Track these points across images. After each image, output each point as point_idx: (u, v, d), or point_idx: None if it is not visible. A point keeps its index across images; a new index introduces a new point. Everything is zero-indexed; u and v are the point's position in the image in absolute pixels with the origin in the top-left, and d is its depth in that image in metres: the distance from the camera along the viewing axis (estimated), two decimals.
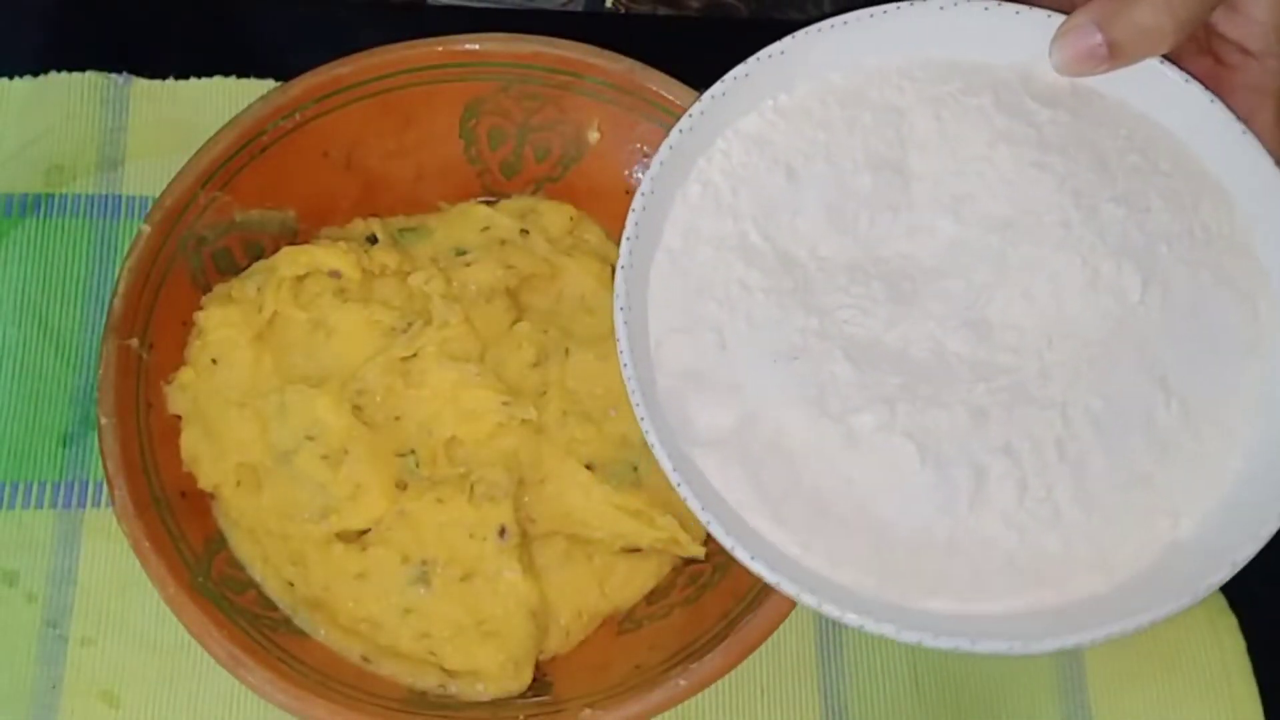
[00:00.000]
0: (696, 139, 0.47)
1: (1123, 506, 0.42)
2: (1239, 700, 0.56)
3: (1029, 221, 0.45)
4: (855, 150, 0.47)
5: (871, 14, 0.47)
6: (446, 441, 0.54)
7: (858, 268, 0.45)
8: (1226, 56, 0.46)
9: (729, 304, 0.45)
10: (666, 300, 0.46)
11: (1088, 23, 0.45)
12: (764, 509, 0.43)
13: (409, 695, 0.51)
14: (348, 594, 0.53)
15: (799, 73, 0.48)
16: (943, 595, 0.42)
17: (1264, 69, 0.45)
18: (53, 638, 0.56)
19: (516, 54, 0.58)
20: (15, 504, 0.58)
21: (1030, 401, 0.43)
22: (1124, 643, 0.57)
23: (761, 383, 0.44)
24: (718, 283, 0.46)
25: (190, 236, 0.55)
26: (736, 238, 0.46)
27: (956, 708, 0.57)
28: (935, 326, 0.44)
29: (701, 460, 0.43)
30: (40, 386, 0.60)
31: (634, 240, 0.46)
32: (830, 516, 0.43)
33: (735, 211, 0.47)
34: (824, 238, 0.46)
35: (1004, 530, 0.42)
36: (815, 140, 0.47)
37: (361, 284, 0.56)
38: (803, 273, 0.45)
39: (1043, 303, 0.44)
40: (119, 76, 0.65)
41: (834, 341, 0.44)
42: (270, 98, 0.56)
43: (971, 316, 0.44)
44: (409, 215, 0.60)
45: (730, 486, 0.43)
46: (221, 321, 0.55)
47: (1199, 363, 0.43)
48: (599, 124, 0.59)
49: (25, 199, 0.63)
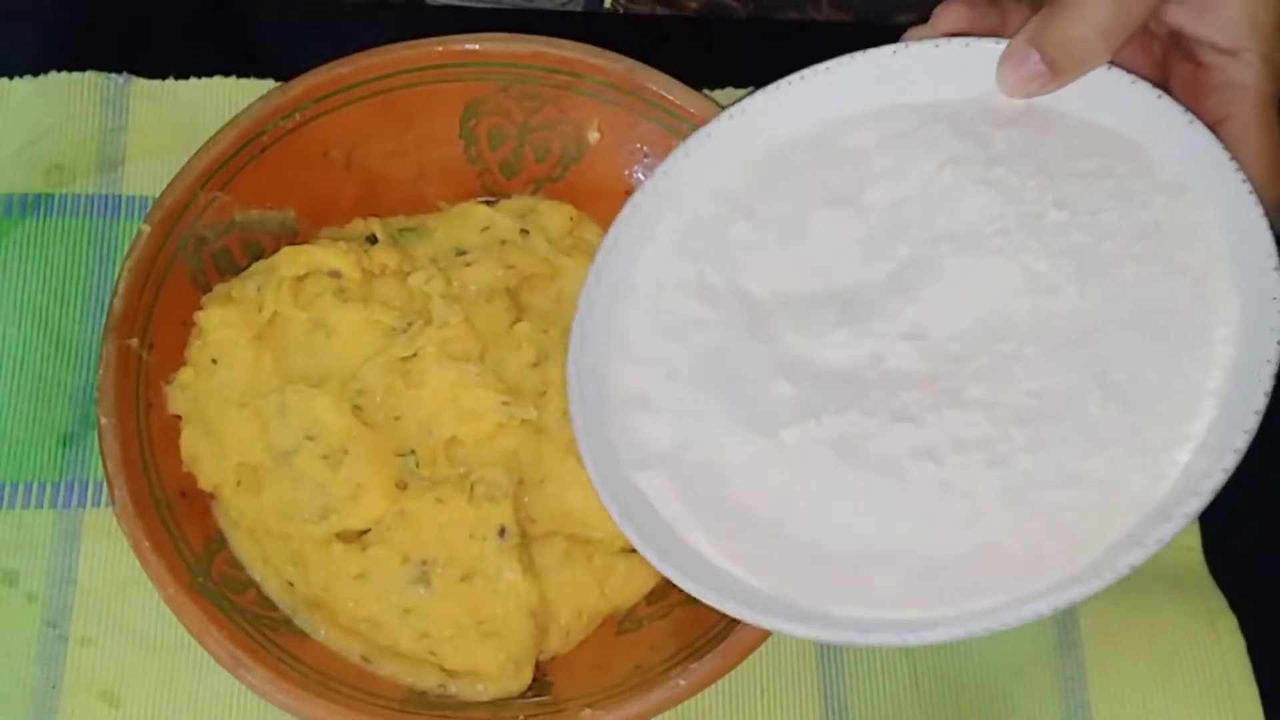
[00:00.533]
0: (660, 198, 0.51)
1: (1053, 505, 0.42)
2: (1239, 700, 0.56)
3: (972, 234, 0.45)
4: (815, 190, 0.49)
5: (827, 67, 0.49)
6: (446, 441, 0.54)
7: (813, 297, 0.47)
8: (1203, 57, 0.46)
9: (682, 338, 0.48)
10: (626, 339, 0.49)
11: (1023, 45, 0.46)
12: (696, 523, 0.45)
13: (409, 695, 0.51)
14: (348, 594, 0.53)
15: (762, 128, 0.50)
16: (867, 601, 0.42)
17: (1240, 64, 0.45)
18: (53, 638, 0.56)
19: (516, 54, 0.58)
20: (15, 504, 0.58)
21: (960, 405, 0.43)
22: (1124, 643, 0.57)
23: (701, 406, 0.47)
24: (674, 320, 0.49)
25: (190, 236, 0.55)
26: (695, 278, 0.49)
27: (956, 708, 0.57)
28: (876, 343, 0.45)
29: (642, 481, 0.46)
30: (40, 386, 0.60)
31: (593, 288, 0.50)
32: (757, 527, 0.44)
33: (696, 255, 0.49)
34: (781, 273, 0.48)
35: (926, 532, 0.42)
36: (777, 185, 0.49)
37: (361, 284, 0.56)
38: (759, 306, 0.48)
39: (980, 309, 0.44)
40: (119, 76, 0.65)
41: (777, 365, 0.46)
42: (270, 98, 0.56)
43: (912, 330, 0.45)
44: (409, 215, 0.60)
45: (666, 503, 0.46)
46: (221, 321, 0.55)
47: (1143, 356, 0.43)
48: (599, 124, 0.59)
49: (25, 199, 0.63)
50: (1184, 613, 0.58)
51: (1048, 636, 0.58)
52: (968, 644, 0.57)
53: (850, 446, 0.44)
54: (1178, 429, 0.41)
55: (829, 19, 0.69)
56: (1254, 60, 0.45)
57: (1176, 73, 0.47)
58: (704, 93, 0.57)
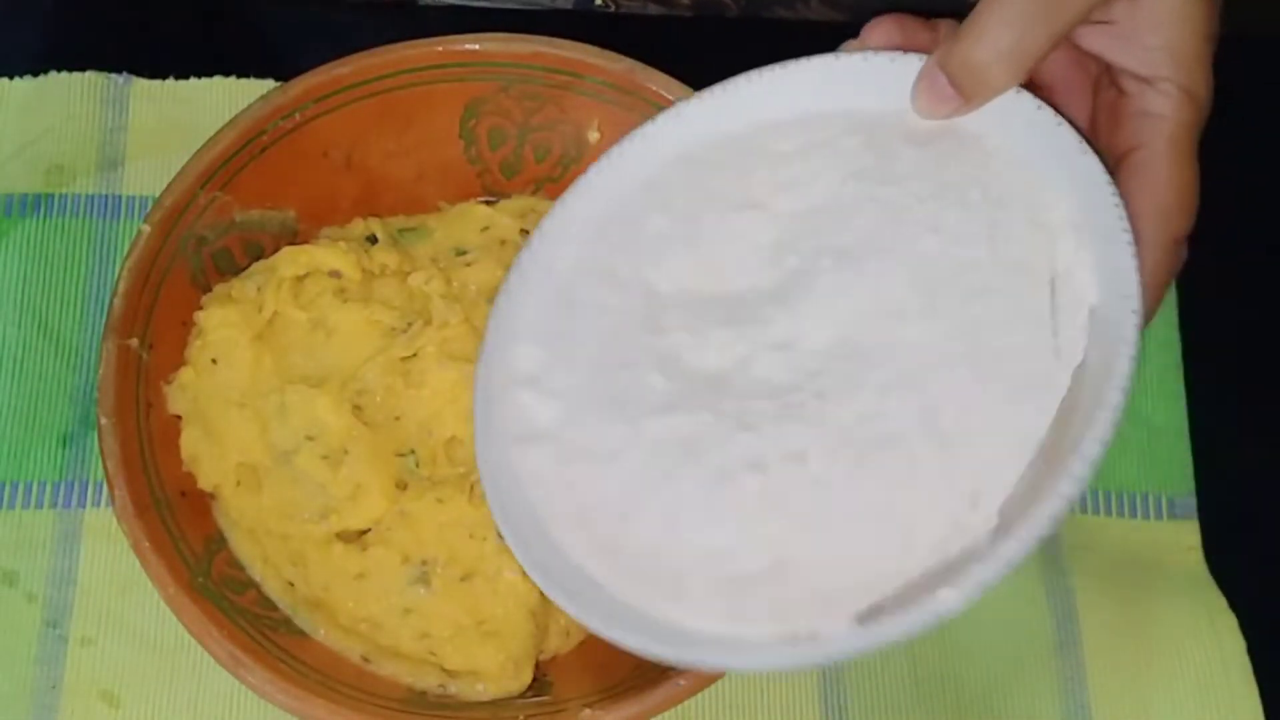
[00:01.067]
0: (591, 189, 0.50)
1: (852, 536, 0.41)
2: (1238, 699, 0.57)
3: (851, 252, 0.45)
4: (731, 191, 0.48)
5: (768, 71, 0.49)
6: (446, 441, 0.55)
7: (708, 297, 0.47)
8: (1124, 84, 0.45)
9: (584, 322, 0.48)
10: (532, 318, 0.49)
11: (932, 66, 0.45)
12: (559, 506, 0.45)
13: (409, 695, 0.51)
14: (348, 594, 0.53)
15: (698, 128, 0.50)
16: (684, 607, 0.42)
17: (1157, 93, 0.44)
18: (53, 638, 0.56)
19: (516, 54, 0.58)
20: (15, 504, 0.58)
21: (801, 420, 0.43)
22: (1124, 642, 0.57)
23: (586, 389, 0.46)
24: (578, 304, 0.48)
25: (190, 236, 0.55)
26: (607, 266, 0.49)
27: (956, 707, 0.57)
28: (747, 348, 0.45)
29: (518, 456, 0.46)
30: (40, 386, 0.60)
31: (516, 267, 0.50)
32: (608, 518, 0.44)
33: (612, 244, 0.49)
34: (683, 269, 0.48)
35: (740, 544, 0.42)
36: (699, 183, 0.49)
37: (361, 284, 0.56)
38: (657, 299, 0.47)
39: (840, 327, 0.44)
40: (119, 76, 0.65)
41: (657, 358, 0.46)
42: (270, 98, 0.56)
43: (782, 341, 0.45)
44: (409, 215, 0.60)
45: (536, 483, 0.45)
46: (221, 321, 0.55)
47: (976, 399, 0.41)
48: (599, 124, 0.59)
49: (25, 199, 0.63)
50: (1184, 612, 0.58)
51: (1048, 636, 0.58)
52: (968, 644, 0.57)
53: (696, 448, 0.43)
54: (993, 479, 0.40)
55: (821, 18, 0.69)
56: (1171, 90, 0.44)
57: (1103, 99, 0.46)
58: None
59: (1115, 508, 0.60)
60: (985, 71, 0.44)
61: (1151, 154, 0.44)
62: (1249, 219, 0.65)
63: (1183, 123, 0.44)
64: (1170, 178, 0.44)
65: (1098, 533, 0.60)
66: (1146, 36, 0.44)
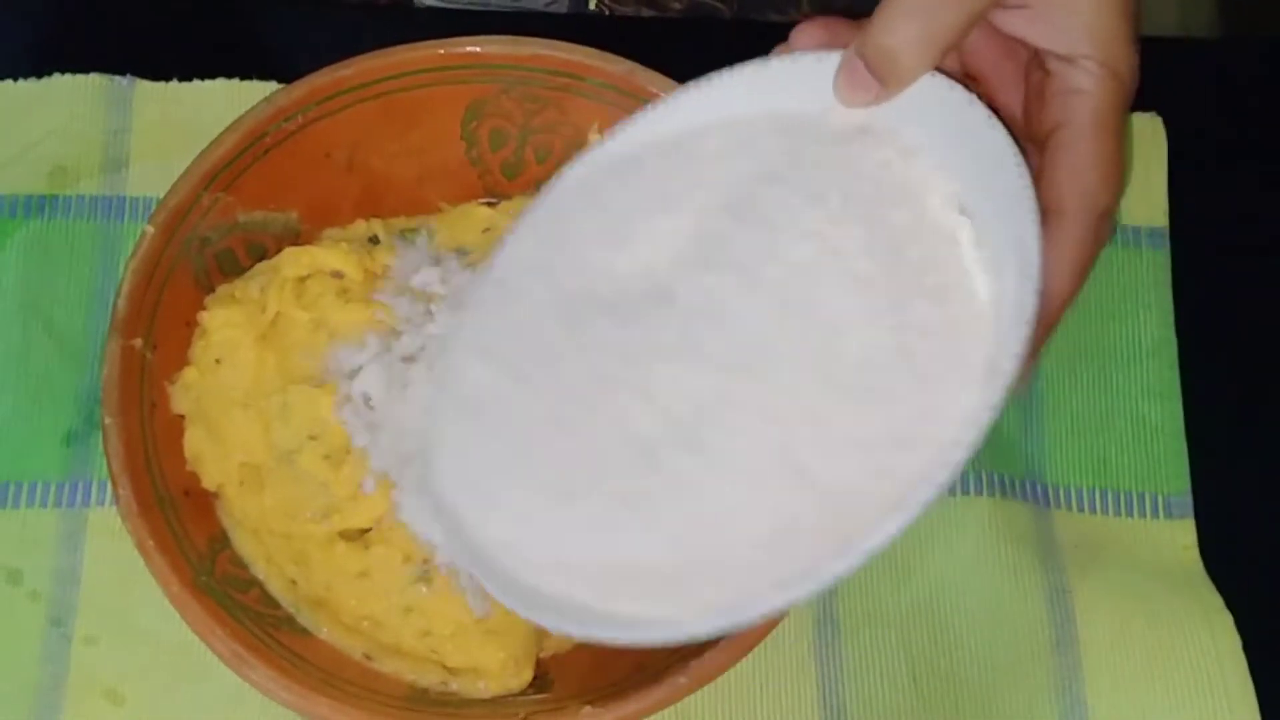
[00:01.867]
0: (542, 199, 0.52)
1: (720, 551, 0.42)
2: (1235, 698, 0.57)
3: (752, 260, 0.45)
4: (655, 191, 0.49)
5: (700, 81, 0.49)
6: None
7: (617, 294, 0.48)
8: (1050, 66, 0.45)
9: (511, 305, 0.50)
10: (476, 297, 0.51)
11: (851, 55, 0.45)
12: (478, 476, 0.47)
13: (411, 692, 0.52)
14: (350, 592, 0.53)
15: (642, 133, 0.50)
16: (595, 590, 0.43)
17: (1079, 71, 0.44)
18: (56, 636, 0.56)
19: (517, 56, 0.58)
20: (19, 503, 0.58)
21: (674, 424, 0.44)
22: (1121, 641, 0.58)
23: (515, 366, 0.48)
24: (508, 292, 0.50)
25: (194, 237, 0.55)
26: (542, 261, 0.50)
27: (955, 706, 0.57)
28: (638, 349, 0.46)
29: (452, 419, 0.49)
30: (44, 386, 0.60)
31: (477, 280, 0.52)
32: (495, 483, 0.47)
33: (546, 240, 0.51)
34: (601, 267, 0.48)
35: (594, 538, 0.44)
36: (628, 183, 0.50)
37: (363, 284, 0.56)
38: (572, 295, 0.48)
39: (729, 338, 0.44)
40: (123, 78, 0.65)
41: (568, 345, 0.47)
42: (273, 99, 0.56)
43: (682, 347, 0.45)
44: (411, 216, 0.60)
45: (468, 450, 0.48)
46: (225, 322, 0.55)
47: (842, 456, 0.41)
48: (599, 125, 0.59)
49: (29, 200, 0.63)
50: (1180, 611, 0.58)
51: (1045, 635, 0.58)
52: (965, 643, 0.58)
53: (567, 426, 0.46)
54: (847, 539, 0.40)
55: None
56: (1093, 68, 0.44)
57: (1031, 82, 0.46)
58: None
59: (1112, 507, 0.61)
60: (896, 58, 0.44)
61: (1074, 131, 0.44)
62: (1248, 219, 0.65)
63: (1105, 98, 0.44)
64: (1093, 152, 0.44)
65: (1094, 532, 0.60)
66: (1063, 17, 0.44)
